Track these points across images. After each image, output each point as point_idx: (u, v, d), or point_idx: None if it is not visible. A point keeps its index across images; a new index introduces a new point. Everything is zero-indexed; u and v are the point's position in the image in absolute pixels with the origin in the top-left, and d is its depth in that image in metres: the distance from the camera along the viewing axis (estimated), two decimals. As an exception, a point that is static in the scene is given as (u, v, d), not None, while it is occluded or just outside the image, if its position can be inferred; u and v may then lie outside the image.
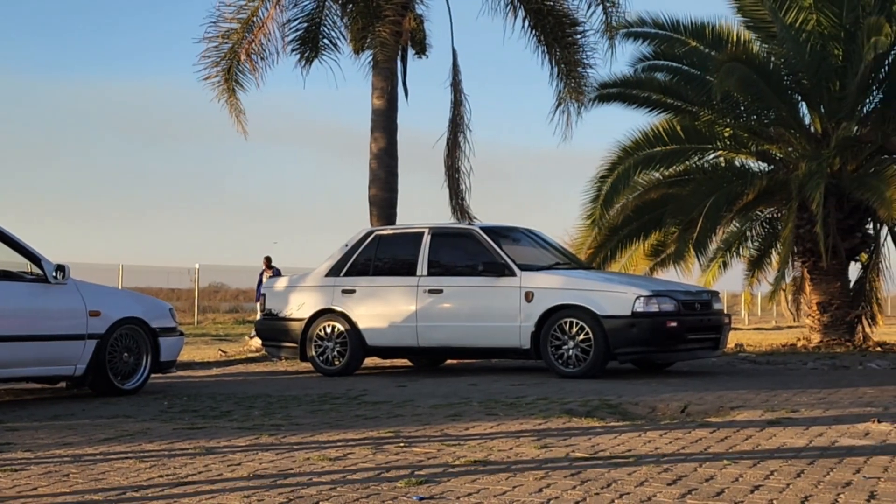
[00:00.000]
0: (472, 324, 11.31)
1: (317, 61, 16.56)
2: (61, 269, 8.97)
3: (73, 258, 18.99)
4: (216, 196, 79.67)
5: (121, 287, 23.86)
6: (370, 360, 12.64)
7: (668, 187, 17.20)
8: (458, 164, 17.00)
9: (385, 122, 16.10)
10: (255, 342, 15.28)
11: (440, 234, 11.90)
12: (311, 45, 16.52)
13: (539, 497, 4.52)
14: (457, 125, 17.01)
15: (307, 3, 16.53)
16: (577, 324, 10.74)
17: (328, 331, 11.92)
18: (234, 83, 16.18)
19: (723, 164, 17.50)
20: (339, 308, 11.92)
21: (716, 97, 15.78)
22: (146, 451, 5.91)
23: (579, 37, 16.64)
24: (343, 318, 11.86)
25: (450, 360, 13.14)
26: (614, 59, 18.73)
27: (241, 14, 16.12)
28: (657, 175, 17.29)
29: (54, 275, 8.93)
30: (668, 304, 10.86)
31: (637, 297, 10.72)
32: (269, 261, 19.53)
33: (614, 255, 17.31)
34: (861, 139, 16.37)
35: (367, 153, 16.22)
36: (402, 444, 6.02)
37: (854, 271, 17.10)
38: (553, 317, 10.85)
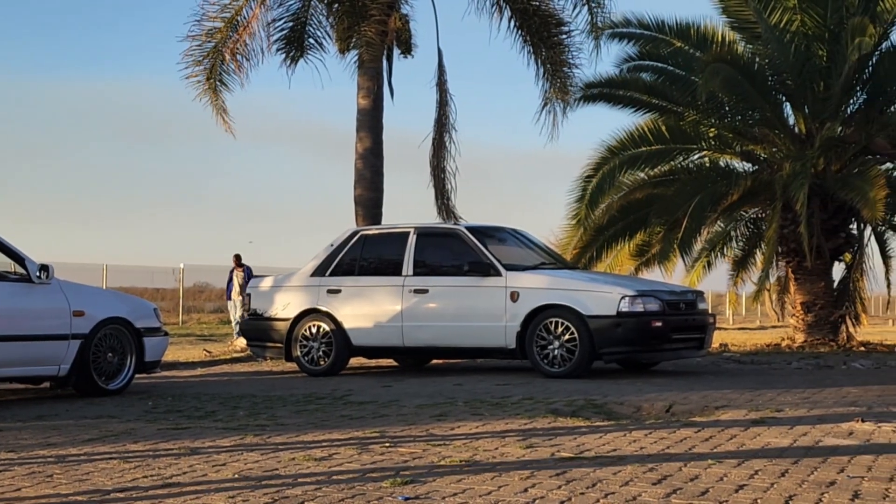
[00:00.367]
0: (457, 324, 11.31)
1: (302, 61, 16.56)
2: (45, 268, 8.92)
3: (57, 258, 18.91)
4: (201, 196, 79.38)
5: (105, 287, 23.77)
6: (355, 360, 12.62)
7: (653, 187, 17.25)
8: (444, 163, 17.03)
9: (371, 121, 16.10)
10: (240, 342, 15.25)
11: (426, 234, 11.90)
12: (296, 45, 16.50)
13: (524, 497, 4.52)
14: (442, 125, 17.03)
15: (292, 2, 16.54)
16: (562, 324, 10.75)
17: (313, 331, 11.90)
18: (216, 82, 16.13)
19: (707, 165, 17.57)
20: (324, 308, 11.90)
21: (701, 97, 15.82)
22: (131, 452, 5.89)
23: (565, 37, 16.69)
24: (328, 318, 11.84)
25: (435, 360, 13.13)
26: (600, 60, 18.88)
27: (225, 13, 16.09)
28: (642, 175, 17.35)
29: (38, 274, 8.88)
30: (653, 304, 10.88)
31: (622, 297, 10.74)
32: (238, 259, 19.38)
33: (600, 255, 17.36)
34: (845, 140, 16.43)
35: (352, 153, 16.23)
36: (387, 444, 6.02)
37: (838, 271, 17.20)
38: (538, 317, 10.87)
